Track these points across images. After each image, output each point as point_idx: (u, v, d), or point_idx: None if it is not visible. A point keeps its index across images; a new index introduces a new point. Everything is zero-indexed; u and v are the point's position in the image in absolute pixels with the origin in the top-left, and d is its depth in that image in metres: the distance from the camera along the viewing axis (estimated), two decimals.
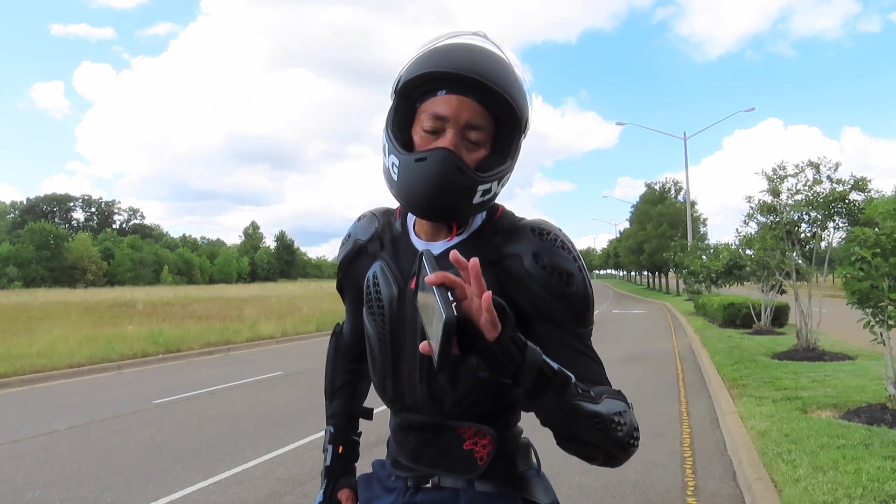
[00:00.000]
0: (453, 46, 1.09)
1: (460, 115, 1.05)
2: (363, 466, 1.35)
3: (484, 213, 1.15)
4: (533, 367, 0.88)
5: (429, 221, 1.14)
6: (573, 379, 0.94)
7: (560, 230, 1.11)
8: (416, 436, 1.14)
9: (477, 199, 1.07)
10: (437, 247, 1.14)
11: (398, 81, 1.10)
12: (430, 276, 0.84)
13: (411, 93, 1.10)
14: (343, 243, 1.30)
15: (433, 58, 1.07)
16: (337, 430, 1.40)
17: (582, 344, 1.09)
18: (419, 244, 1.16)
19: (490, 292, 0.83)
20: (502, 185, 1.11)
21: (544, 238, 1.08)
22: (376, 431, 1.61)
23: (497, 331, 0.84)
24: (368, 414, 1.45)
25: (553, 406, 0.92)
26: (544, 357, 0.90)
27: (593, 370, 1.08)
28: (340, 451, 1.37)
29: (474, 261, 0.84)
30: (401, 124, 1.10)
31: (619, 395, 1.04)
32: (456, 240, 1.13)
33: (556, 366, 0.92)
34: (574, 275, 1.07)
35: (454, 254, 0.86)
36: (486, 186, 1.06)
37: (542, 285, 1.06)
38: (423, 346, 0.86)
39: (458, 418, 1.09)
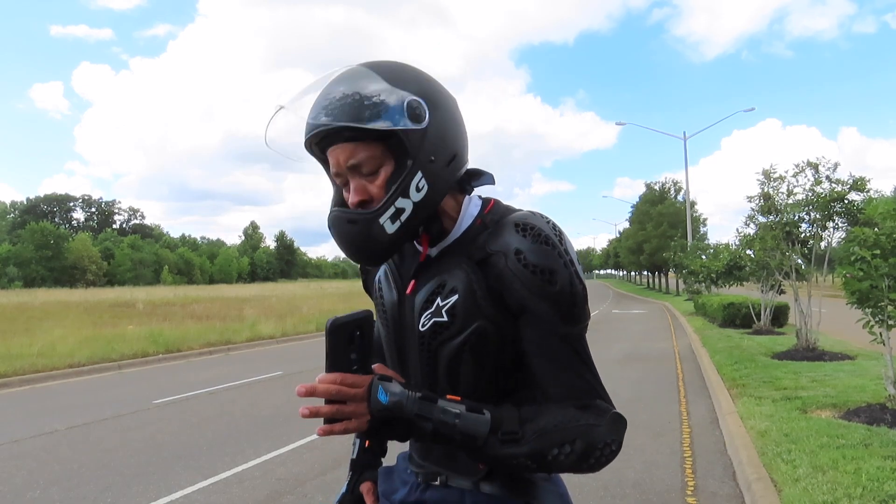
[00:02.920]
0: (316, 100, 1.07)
1: (341, 164, 1.04)
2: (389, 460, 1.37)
3: (477, 209, 1.14)
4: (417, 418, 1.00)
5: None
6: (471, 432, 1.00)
7: (547, 223, 1.05)
8: None
9: (393, 228, 1.03)
10: (433, 249, 1.15)
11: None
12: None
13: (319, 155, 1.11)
14: None
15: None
16: None
17: (565, 348, 1.05)
18: (419, 245, 1.17)
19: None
20: (422, 190, 1.04)
21: (527, 234, 1.03)
22: None
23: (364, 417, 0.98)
24: None
25: (469, 452, 1.02)
26: (437, 413, 1.00)
27: (567, 382, 1.04)
28: (367, 444, 1.38)
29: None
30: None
31: (581, 418, 1.01)
32: (450, 239, 1.13)
33: (456, 420, 1.00)
34: (557, 272, 1.01)
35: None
36: (391, 211, 1.03)
37: (524, 284, 1.02)
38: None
39: None
